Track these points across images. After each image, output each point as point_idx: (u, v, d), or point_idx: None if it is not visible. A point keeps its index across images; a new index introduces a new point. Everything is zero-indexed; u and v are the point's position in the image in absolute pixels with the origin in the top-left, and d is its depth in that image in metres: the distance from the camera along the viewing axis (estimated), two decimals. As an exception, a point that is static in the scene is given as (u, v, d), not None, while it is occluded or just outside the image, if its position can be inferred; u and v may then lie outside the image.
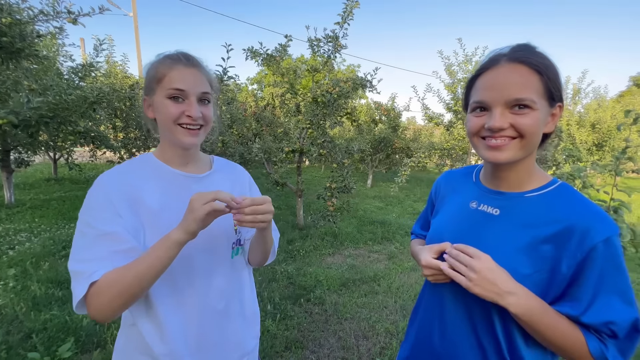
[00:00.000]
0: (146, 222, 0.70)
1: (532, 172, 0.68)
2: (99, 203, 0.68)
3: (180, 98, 0.72)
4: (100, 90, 3.65)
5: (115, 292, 0.62)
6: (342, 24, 3.92)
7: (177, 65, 0.72)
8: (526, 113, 0.59)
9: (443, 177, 0.89)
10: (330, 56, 4.07)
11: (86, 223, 0.67)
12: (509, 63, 0.61)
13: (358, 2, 4.00)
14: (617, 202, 1.77)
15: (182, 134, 0.73)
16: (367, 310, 2.59)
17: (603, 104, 9.78)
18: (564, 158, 4.05)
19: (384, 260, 3.73)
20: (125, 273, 0.63)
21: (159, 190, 0.74)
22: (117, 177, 0.72)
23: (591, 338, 0.58)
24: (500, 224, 0.67)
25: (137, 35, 12.19)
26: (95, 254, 0.64)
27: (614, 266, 0.57)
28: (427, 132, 10.90)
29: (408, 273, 3.36)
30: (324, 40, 4.01)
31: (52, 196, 5.97)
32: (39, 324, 2.15)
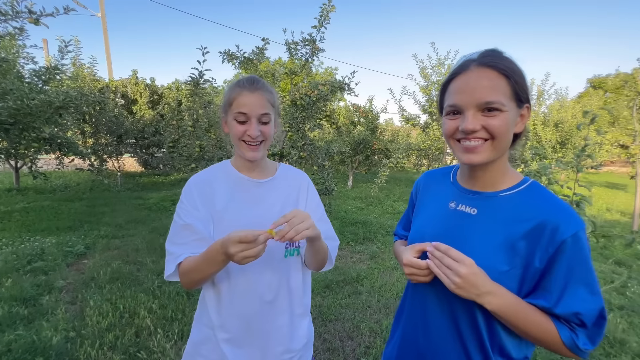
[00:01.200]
0: (214, 218, 0.89)
1: (505, 172, 0.71)
2: (186, 197, 0.90)
3: (244, 120, 0.87)
4: (67, 94, 3.46)
5: (188, 279, 0.84)
6: (319, 27, 3.95)
7: (243, 92, 0.87)
8: (496, 115, 0.63)
9: (422, 177, 0.92)
10: (308, 59, 4.09)
11: (177, 213, 0.89)
12: (479, 68, 0.64)
13: (334, 6, 4.05)
14: (579, 197, 1.90)
15: (245, 149, 0.88)
16: (351, 310, 2.61)
17: (564, 104, 10.44)
18: (530, 156, 4.29)
19: (367, 260, 3.78)
20: (194, 264, 0.82)
21: (227, 191, 0.92)
22: (200, 178, 0.93)
23: (562, 328, 0.62)
24: (478, 223, 0.70)
25: (106, 37, 11.68)
26: (180, 239, 0.86)
27: (581, 259, 0.61)
28: (404, 133, 11.16)
29: (390, 272, 3.42)
30: (301, 44, 4.02)
31: (14, 207, 5.58)
32: (3, 345, 2.00)
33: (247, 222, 0.88)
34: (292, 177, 1.01)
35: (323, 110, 4.42)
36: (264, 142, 0.90)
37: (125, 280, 3.01)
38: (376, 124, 9.08)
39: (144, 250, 3.83)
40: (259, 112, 0.86)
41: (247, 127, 0.86)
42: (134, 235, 4.38)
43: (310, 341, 1.02)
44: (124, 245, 4.00)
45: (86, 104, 4.96)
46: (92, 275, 3.08)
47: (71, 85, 5.72)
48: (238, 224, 0.86)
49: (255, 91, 0.87)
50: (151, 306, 2.53)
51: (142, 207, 6.01)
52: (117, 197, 6.83)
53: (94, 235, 4.30)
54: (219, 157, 4.66)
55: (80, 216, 5.20)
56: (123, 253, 3.73)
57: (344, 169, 10.11)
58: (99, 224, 4.83)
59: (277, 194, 0.96)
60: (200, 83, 3.72)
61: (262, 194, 0.94)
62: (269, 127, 0.89)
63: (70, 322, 2.32)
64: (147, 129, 8.62)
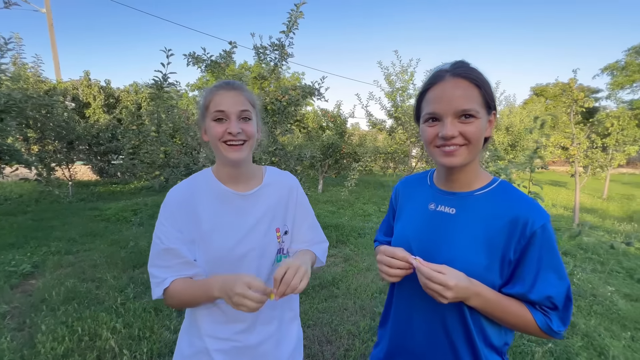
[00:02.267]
0: (199, 239, 0.84)
1: (477, 173, 0.77)
2: (166, 219, 0.84)
3: (223, 119, 0.81)
4: (9, 97, 3.12)
5: (178, 302, 0.83)
6: (288, 32, 3.97)
7: (219, 91, 0.83)
8: (472, 122, 0.68)
9: (401, 184, 0.96)
10: (277, 64, 4.08)
11: (157, 235, 0.84)
12: (453, 78, 0.69)
13: (302, 13, 4.08)
14: (533, 195, 2.09)
15: (227, 150, 0.82)
16: (329, 314, 2.62)
17: (513, 110, 11.41)
18: (488, 157, 4.63)
19: (341, 263, 3.82)
20: (184, 291, 0.81)
21: (211, 208, 0.86)
22: (181, 196, 0.86)
23: (537, 314, 0.68)
24: (457, 222, 0.75)
25: (52, 35, 10.73)
26: (163, 262, 0.83)
27: (549, 247, 0.68)
28: (371, 137, 11.48)
29: (364, 273, 3.48)
30: (270, 48, 4.00)
31: (-58, 225, 4.89)
32: None
33: (236, 240, 0.85)
34: (280, 184, 0.96)
35: (294, 115, 4.42)
36: (247, 142, 0.84)
37: (82, 299, 2.76)
38: (344, 129, 9.26)
39: (103, 265, 3.54)
40: (238, 108, 0.82)
41: (226, 125, 0.81)
42: (90, 250, 4.04)
43: (300, 344, 1.02)
44: (79, 262, 3.66)
45: (32, 108, 4.50)
46: (42, 297, 2.78)
47: (12, 87, 5.16)
48: (226, 244, 0.85)
49: (232, 89, 0.83)
50: (114, 326, 2.34)
51: (99, 219, 5.56)
52: (69, 209, 6.25)
53: (42, 252, 3.89)
54: (185, 163, 4.46)
55: (25, 231, 4.68)
56: (78, 270, 3.42)
57: (313, 173, 10.15)
58: (49, 239, 4.38)
59: (266, 205, 0.91)
60: (164, 86, 3.55)
61: (249, 207, 0.89)
62: (251, 125, 0.84)
63: (17, 351, 2.07)
64: (103, 134, 8.02)
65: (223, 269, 0.83)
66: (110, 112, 9.20)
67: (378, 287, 3.11)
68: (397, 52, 7.15)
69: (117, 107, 9.35)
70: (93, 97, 8.99)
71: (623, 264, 3.91)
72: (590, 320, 2.62)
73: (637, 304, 2.98)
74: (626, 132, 8.48)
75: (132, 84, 10.46)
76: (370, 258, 3.92)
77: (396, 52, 7.16)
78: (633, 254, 4.26)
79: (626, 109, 14.04)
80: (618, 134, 8.33)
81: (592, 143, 8.11)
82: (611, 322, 2.64)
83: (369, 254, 4.07)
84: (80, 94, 9.02)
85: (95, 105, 8.89)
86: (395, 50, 7.12)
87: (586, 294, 3.08)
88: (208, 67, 3.99)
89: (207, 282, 0.79)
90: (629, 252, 4.27)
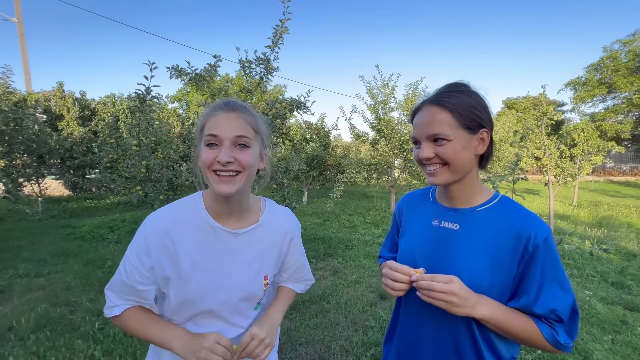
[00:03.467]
0: (175, 278, 0.76)
1: (477, 189, 0.80)
2: (138, 251, 0.75)
3: (215, 144, 0.70)
4: (-23, 110, 2.93)
5: (127, 331, 0.79)
6: (273, 47, 4.01)
7: (216, 112, 0.72)
8: (444, 144, 0.72)
9: (404, 200, 0.97)
10: (263, 78, 4.09)
11: (123, 263, 0.76)
12: (428, 105, 0.75)
13: (287, 28, 4.15)
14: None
15: (215, 181, 0.71)
16: (320, 330, 2.57)
17: (488, 122, 11.98)
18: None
19: (329, 276, 3.78)
20: (136, 325, 0.77)
21: (196, 245, 0.76)
22: (161, 225, 0.75)
23: (543, 327, 0.70)
24: (461, 237, 0.77)
25: (22, 44, 10.31)
26: (122, 291, 0.77)
27: (552, 260, 0.71)
28: (355, 149, 11.65)
29: (354, 286, 3.46)
30: (255, 62, 4.02)
31: None
32: None
33: (219, 284, 0.78)
34: (277, 225, 0.87)
35: (280, 128, 4.43)
36: (241, 174, 0.72)
37: (55, 326, 2.56)
38: (328, 141, 9.35)
39: (77, 287, 3.32)
40: (233, 133, 0.70)
41: (217, 151, 0.69)
42: (63, 271, 3.78)
43: None
44: (50, 284, 3.42)
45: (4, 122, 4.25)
46: (9, 325, 2.56)
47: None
48: (207, 287, 0.77)
49: (231, 111, 0.72)
50: (92, 353, 2.18)
51: (72, 237, 5.25)
52: (39, 227, 5.87)
53: (8, 275, 3.61)
54: (167, 177, 4.33)
55: (-11, 253, 4.34)
56: (50, 293, 3.19)
57: (298, 185, 10.12)
58: (16, 260, 4.07)
59: (259, 248, 0.82)
60: (146, 99, 3.46)
61: (238, 247, 0.80)
62: (247, 154, 0.72)
63: (-19, 387, 1.88)
64: (77, 147, 7.67)
65: (195, 312, 0.78)
66: (86, 124, 8.84)
67: (369, 300, 3.09)
68: (378, 67, 7.37)
69: (93, 120, 9.00)
70: (67, 109, 8.62)
71: (597, 269, 4.10)
72: (572, 325, 2.72)
73: (613, 307, 3.12)
74: (590, 142, 9.09)
75: (110, 95, 10.14)
76: (359, 270, 3.91)
77: (377, 67, 7.38)
78: (605, 258, 4.49)
79: (589, 121, 15.09)
80: (584, 145, 8.90)
81: (561, 153, 8.61)
82: (592, 326, 2.74)
83: (357, 267, 4.05)
84: (52, 106, 8.63)
85: (69, 118, 8.52)
86: (376, 65, 7.35)
87: (566, 299, 3.20)
88: (192, 80, 3.95)
89: (167, 332, 0.76)
90: (602, 257, 4.49)
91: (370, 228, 6.32)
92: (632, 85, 20.57)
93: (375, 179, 10.17)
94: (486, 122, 0.75)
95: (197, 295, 0.76)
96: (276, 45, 4.00)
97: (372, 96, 7.63)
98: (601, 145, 9.36)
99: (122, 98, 9.67)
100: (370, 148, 8.87)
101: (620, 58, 21.25)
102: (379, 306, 3.00)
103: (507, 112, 21.83)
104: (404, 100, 7.46)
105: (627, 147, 22.42)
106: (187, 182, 4.41)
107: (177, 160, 4.99)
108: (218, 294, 0.78)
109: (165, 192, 4.45)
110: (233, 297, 0.80)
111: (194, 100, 13.40)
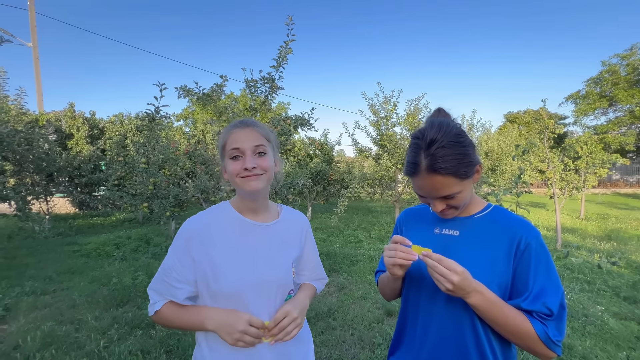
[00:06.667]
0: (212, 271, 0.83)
1: (474, 200, 0.87)
2: (179, 251, 0.84)
3: (239, 156, 0.84)
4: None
5: (170, 325, 0.87)
6: (278, 67, 4.15)
7: (234, 130, 0.86)
8: (455, 197, 0.77)
9: (404, 214, 1.02)
10: (268, 96, 4.22)
11: (166, 264, 0.85)
12: (427, 174, 0.75)
13: (291, 49, 4.31)
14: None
15: (244, 182, 0.84)
16: (327, 348, 2.53)
17: (490, 136, 12.04)
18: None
19: (335, 292, 3.74)
20: (175, 318, 0.85)
21: (230, 238, 0.87)
22: (197, 225, 0.86)
23: (535, 322, 0.72)
24: (462, 242, 0.83)
25: (37, 67, 10.72)
26: (161, 289, 0.86)
27: (542, 257, 0.76)
28: (358, 164, 11.73)
29: (360, 302, 3.42)
30: (260, 82, 4.16)
31: None
32: None
33: (255, 272, 0.85)
34: (295, 221, 1.00)
35: (285, 144, 4.51)
36: (264, 174, 0.86)
37: (61, 344, 2.55)
38: (332, 156, 9.44)
39: (82, 305, 3.32)
40: (252, 144, 0.84)
41: (242, 161, 0.84)
42: (68, 289, 3.79)
43: None
44: (56, 302, 3.43)
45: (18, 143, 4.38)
46: (15, 344, 2.56)
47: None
48: (247, 274, 0.85)
49: (246, 127, 0.87)
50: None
51: (78, 255, 5.28)
52: (45, 245, 5.92)
53: (15, 293, 3.62)
54: (174, 193, 4.40)
55: (-4, 271, 4.37)
56: (56, 311, 3.19)
57: (302, 200, 10.15)
58: (22, 278, 4.10)
59: (283, 239, 0.94)
60: (156, 119, 3.58)
61: (267, 238, 0.91)
62: (267, 160, 0.86)
63: (-14, 407, 1.87)
64: (85, 165, 7.83)
65: (233, 301, 0.83)
66: (95, 143, 9.05)
67: (375, 316, 3.05)
68: (379, 83, 7.54)
69: (102, 138, 9.22)
70: (77, 128, 8.86)
71: (609, 283, 4.02)
72: (585, 342, 2.65)
73: (627, 322, 3.04)
74: (594, 155, 9.08)
75: (118, 114, 10.43)
76: (365, 286, 3.87)
77: (379, 84, 7.54)
78: (616, 272, 4.40)
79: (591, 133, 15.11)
80: (587, 157, 8.90)
81: (565, 166, 8.60)
82: (606, 343, 2.67)
83: (362, 282, 4.01)
84: (63, 125, 8.88)
85: (79, 137, 8.75)
86: (378, 82, 7.52)
87: (578, 314, 3.12)
88: (200, 99, 4.07)
89: (199, 313, 0.83)
90: (612, 270, 4.41)
91: (375, 243, 6.28)
92: (632, 98, 20.69)
93: (379, 194, 10.16)
94: (476, 158, 0.79)
95: (235, 285, 0.83)
96: (280, 65, 4.14)
97: (374, 112, 7.75)
98: (605, 157, 9.35)
99: (130, 117, 9.93)
100: (373, 163, 8.93)
101: (619, 72, 21.49)
102: (385, 323, 2.95)
103: (509, 125, 21.95)
104: (405, 116, 7.57)
105: (633, 159, 22.27)
106: (193, 199, 4.48)
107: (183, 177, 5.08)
108: (255, 282, 0.85)
109: (172, 209, 4.51)
110: (269, 285, 0.87)
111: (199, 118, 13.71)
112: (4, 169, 6.23)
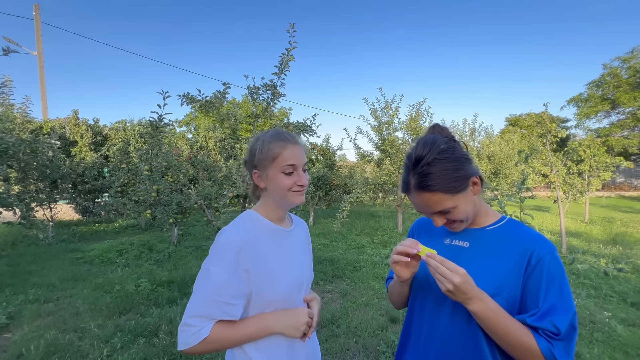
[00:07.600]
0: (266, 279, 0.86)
1: (485, 212, 0.85)
2: (229, 266, 0.81)
3: (292, 172, 0.90)
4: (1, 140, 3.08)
5: (219, 347, 0.83)
6: (279, 74, 4.18)
7: (287, 145, 0.90)
8: (451, 212, 0.77)
9: (417, 223, 1.03)
10: (270, 103, 4.24)
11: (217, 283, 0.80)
12: (417, 192, 0.77)
13: (293, 56, 4.34)
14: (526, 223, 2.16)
15: (293, 197, 0.90)
16: (331, 356, 2.51)
17: (492, 140, 12.02)
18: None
19: (338, 299, 3.71)
20: (230, 337, 0.82)
21: (274, 245, 0.91)
22: (244, 237, 0.85)
23: (540, 340, 0.69)
24: (471, 254, 0.81)
25: (42, 76, 10.86)
26: (213, 311, 0.80)
27: (555, 274, 0.73)
28: (360, 168, 11.72)
29: (363, 309, 3.39)
30: (262, 89, 4.19)
31: None
32: None
33: (299, 273, 0.96)
34: (302, 226, 1.09)
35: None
36: (305, 188, 0.95)
37: (64, 353, 2.55)
38: (334, 161, 9.45)
39: (86, 313, 3.32)
40: (303, 161, 0.93)
41: (295, 177, 0.90)
42: (72, 296, 3.79)
43: None
44: (59, 310, 3.42)
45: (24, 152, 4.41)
46: (18, 352, 2.56)
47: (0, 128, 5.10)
48: (294, 277, 0.93)
49: (297, 143, 0.93)
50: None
51: (81, 262, 5.29)
52: (48, 252, 5.93)
53: (19, 300, 3.63)
54: (177, 200, 4.40)
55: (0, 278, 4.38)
56: (59, 319, 3.19)
57: (304, 205, 10.14)
58: (26, 285, 4.10)
59: (302, 242, 1.04)
60: (159, 126, 3.60)
61: (293, 243, 0.99)
62: (308, 175, 0.96)
63: (-11, 418, 1.86)
64: (89, 172, 7.87)
65: (286, 304, 0.91)
66: (98, 150, 9.11)
67: (379, 323, 3.02)
68: (381, 89, 7.58)
69: (105, 145, 9.28)
70: (80, 135, 8.93)
71: (615, 288, 3.96)
72: (593, 349, 2.61)
73: (635, 329, 3.00)
74: (597, 158, 9.04)
75: (121, 121, 10.50)
76: (369, 292, 3.84)
77: (380, 89, 7.58)
78: (623, 277, 4.35)
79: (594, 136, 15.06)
80: (591, 160, 8.85)
81: (568, 169, 8.56)
82: (614, 350, 2.63)
83: (366, 288, 3.99)
84: (67, 132, 8.96)
85: (82, 144, 8.80)
86: (379, 87, 7.56)
87: (585, 320, 3.08)
88: (202, 106, 4.10)
89: (261, 321, 0.86)
90: (619, 276, 4.35)
91: (378, 248, 6.25)
92: (635, 100, 20.65)
93: (382, 199, 10.15)
94: (470, 170, 0.78)
95: (288, 288, 0.90)
96: (282, 72, 4.17)
97: (376, 117, 7.78)
98: (609, 160, 9.30)
99: (133, 123, 10.01)
100: (375, 168, 8.93)
101: (620, 74, 21.48)
102: (390, 330, 2.92)
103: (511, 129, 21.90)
104: (407, 121, 7.58)
105: (637, 162, 22.14)
106: (196, 205, 4.48)
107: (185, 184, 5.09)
108: (299, 283, 0.95)
109: (175, 215, 4.51)
110: (307, 283, 1.00)
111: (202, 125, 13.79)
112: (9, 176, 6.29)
